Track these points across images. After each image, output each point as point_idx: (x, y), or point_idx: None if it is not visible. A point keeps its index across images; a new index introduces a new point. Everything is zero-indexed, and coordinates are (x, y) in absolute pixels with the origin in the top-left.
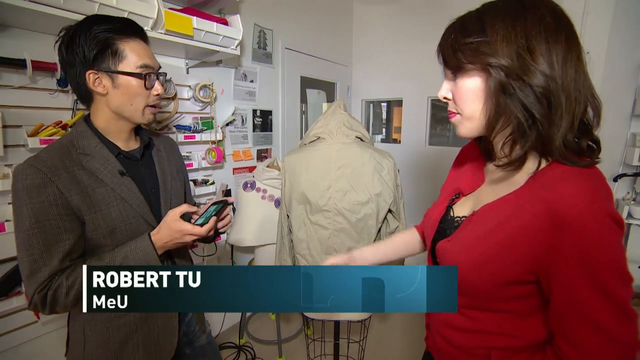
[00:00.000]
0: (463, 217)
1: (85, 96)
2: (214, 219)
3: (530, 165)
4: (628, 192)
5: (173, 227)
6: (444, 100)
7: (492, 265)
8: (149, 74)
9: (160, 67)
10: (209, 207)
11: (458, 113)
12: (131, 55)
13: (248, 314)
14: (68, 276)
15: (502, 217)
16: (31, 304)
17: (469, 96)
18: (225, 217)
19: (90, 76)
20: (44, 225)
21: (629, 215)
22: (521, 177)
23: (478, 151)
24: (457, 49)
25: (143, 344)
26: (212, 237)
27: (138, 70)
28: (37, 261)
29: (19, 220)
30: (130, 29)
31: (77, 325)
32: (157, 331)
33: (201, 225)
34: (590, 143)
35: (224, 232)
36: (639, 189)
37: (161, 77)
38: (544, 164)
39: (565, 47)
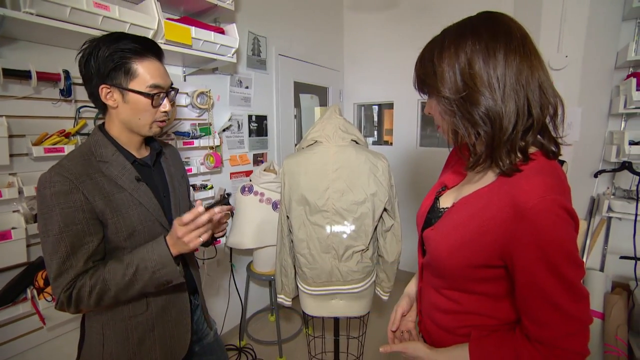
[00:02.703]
0: (446, 208)
1: (100, 106)
2: (200, 209)
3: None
4: (608, 187)
5: (173, 227)
6: (429, 115)
7: (465, 250)
8: (158, 93)
9: (171, 84)
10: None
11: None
12: (143, 75)
13: (248, 315)
14: (91, 277)
15: (476, 209)
16: (58, 302)
17: (435, 115)
18: (222, 224)
19: (103, 90)
20: (71, 230)
21: (609, 209)
22: (493, 174)
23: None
24: (417, 79)
25: (159, 342)
26: (209, 241)
27: (147, 90)
28: (65, 263)
29: (47, 225)
30: (148, 49)
31: (95, 325)
32: (171, 329)
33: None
34: (545, 142)
35: (221, 236)
36: (617, 184)
37: (172, 94)
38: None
39: (504, 62)
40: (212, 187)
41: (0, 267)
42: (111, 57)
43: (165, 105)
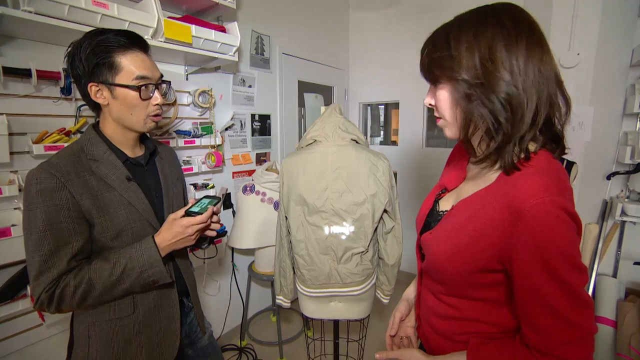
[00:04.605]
0: (445, 211)
1: (93, 106)
2: (211, 208)
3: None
4: (622, 190)
5: (175, 225)
6: (429, 107)
7: (463, 254)
8: (145, 85)
9: (161, 76)
10: (202, 198)
11: (442, 118)
12: (127, 68)
13: (249, 316)
14: (75, 276)
15: (473, 211)
16: (37, 302)
17: (445, 104)
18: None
19: (92, 88)
20: (55, 228)
21: (623, 213)
22: (493, 174)
23: (462, 150)
24: (429, 63)
25: (146, 346)
26: (208, 243)
27: (133, 83)
28: (47, 261)
29: (31, 222)
30: (129, 41)
31: (81, 327)
32: (159, 333)
33: (199, 213)
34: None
35: (219, 236)
36: (632, 186)
37: (163, 86)
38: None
39: (526, 52)
40: (213, 187)
41: (0, 264)
42: (93, 53)
43: (157, 98)
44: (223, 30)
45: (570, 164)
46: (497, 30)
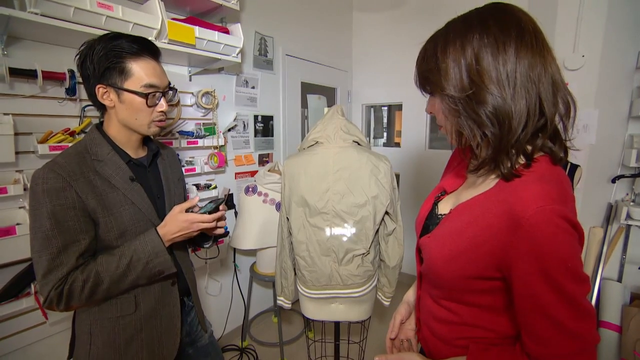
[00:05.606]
0: (444, 214)
1: (99, 106)
2: (221, 211)
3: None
4: (627, 194)
5: (180, 218)
6: (431, 115)
7: (460, 260)
8: (153, 93)
9: (169, 84)
10: (207, 203)
11: (442, 126)
12: (137, 74)
13: (251, 316)
14: (83, 271)
15: (472, 216)
16: (47, 300)
17: (439, 114)
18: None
19: (100, 90)
20: (62, 226)
21: (628, 217)
22: (493, 179)
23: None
24: (419, 76)
25: (147, 344)
26: (212, 242)
27: (141, 90)
28: (55, 259)
29: (37, 222)
30: (142, 48)
31: (83, 325)
32: (160, 331)
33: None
34: (552, 145)
35: (221, 236)
36: (637, 190)
37: (170, 94)
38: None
39: (515, 58)
40: (215, 187)
41: (5, 262)
42: (106, 57)
43: (162, 105)
44: (226, 31)
45: (574, 167)
46: (483, 35)
